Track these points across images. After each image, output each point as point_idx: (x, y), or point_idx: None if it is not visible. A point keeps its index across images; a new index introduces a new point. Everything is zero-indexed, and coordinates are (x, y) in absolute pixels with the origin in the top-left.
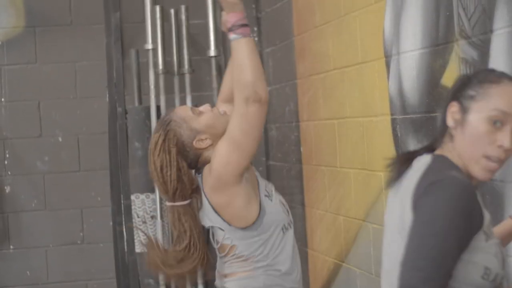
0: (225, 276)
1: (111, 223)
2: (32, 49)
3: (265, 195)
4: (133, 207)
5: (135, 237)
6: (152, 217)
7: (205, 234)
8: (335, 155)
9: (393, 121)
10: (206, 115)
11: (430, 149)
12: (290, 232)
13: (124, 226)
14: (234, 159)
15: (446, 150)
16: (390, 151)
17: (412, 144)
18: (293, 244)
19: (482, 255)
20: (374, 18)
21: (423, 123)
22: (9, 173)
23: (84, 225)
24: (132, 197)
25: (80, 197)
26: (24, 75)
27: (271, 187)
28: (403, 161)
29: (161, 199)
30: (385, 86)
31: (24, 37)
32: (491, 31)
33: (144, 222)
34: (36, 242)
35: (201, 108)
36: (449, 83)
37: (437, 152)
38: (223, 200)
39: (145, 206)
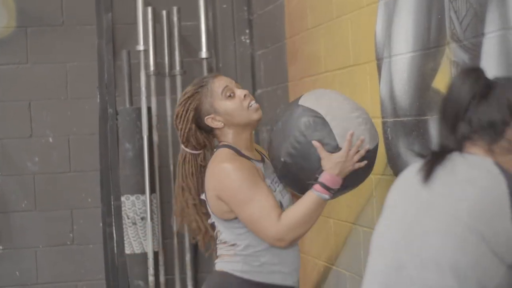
0: (216, 256)
1: (101, 224)
2: (23, 49)
3: None
4: (123, 208)
5: (124, 238)
6: (142, 218)
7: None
8: None
9: (384, 124)
10: (232, 102)
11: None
12: None
13: (114, 227)
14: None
15: (500, 158)
16: (380, 154)
17: (403, 147)
18: None
19: None
20: (366, 20)
21: (414, 126)
22: (0, 173)
23: (74, 226)
24: (122, 198)
25: (70, 198)
26: (15, 76)
27: (276, 186)
28: (438, 158)
29: (151, 200)
30: (376, 89)
31: (15, 37)
32: (483, 34)
33: (134, 224)
34: (26, 242)
35: (238, 92)
36: (440, 86)
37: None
38: (216, 202)
39: (135, 207)
